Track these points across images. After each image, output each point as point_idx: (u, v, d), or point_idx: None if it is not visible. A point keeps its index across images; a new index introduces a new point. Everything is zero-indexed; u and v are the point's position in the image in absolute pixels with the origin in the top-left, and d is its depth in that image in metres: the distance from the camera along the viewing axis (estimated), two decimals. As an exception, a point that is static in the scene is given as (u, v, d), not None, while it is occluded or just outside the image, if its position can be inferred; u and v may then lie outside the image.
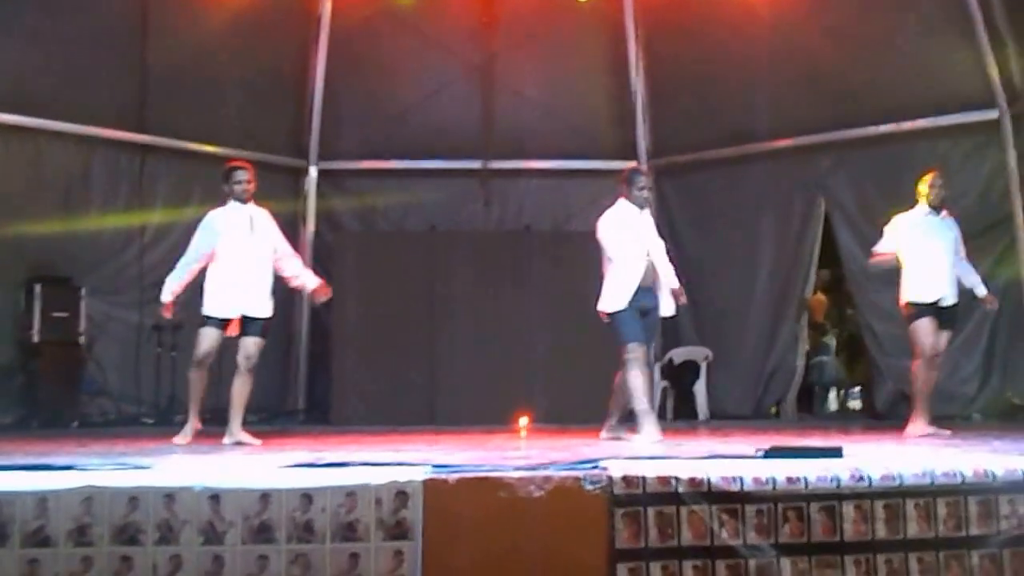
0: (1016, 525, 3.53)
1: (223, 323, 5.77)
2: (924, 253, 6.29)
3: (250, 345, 5.77)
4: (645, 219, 6.05)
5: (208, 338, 5.72)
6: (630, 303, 5.84)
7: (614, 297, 5.87)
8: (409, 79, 9.84)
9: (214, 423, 6.21)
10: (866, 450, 4.51)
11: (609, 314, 5.87)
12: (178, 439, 5.69)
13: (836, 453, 3.85)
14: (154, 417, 8.48)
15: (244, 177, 5.93)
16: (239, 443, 5.62)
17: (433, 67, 9.80)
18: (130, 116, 8.85)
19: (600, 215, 6.10)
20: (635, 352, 5.75)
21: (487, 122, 9.83)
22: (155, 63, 8.74)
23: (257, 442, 5.64)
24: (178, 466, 3.92)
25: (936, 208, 6.36)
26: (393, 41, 9.69)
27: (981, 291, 6.47)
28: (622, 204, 6.02)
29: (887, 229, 6.54)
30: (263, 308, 5.84)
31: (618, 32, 9.87)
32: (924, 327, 6.21)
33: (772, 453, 3.89)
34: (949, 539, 3.50)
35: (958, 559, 3.49)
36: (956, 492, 3.53)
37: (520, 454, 4.52)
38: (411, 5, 9.23)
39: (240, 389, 5.78)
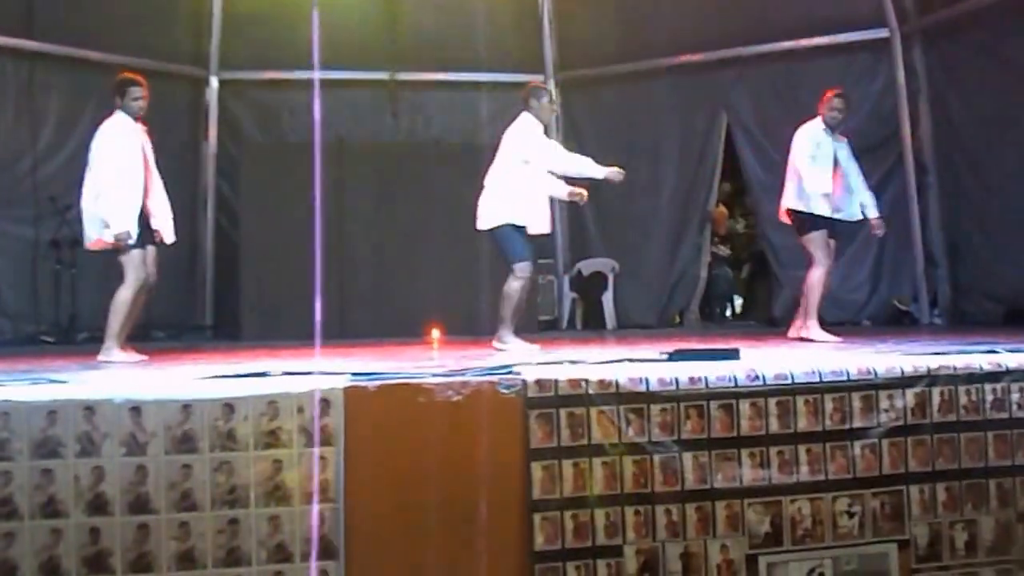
0: (894, 418, 3.88)
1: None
2: (822, 166, 6.43)
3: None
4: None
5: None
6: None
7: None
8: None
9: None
10: (761, 353, 4.80)
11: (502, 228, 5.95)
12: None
13: (734, 355, 4.11)
14: (55, 336, 8.29)
15: (139, 93, 5.74)
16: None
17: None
18: (16, 21, 8.39)
19: (506, 127, 6.16)
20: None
21: (393, 32, 9.66)
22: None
23: (136, 358, 5.59)
24: (96, 380, 3.92)
25: (831, 128, 6.56)
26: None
27: (872, 212, 6.58)
28: (527, 118, 6.08)
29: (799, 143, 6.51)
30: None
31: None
32: (821, 239, 6.42)
33: (676, 356, 4.13)
34: (834, 431, 3.83)
35: (842, 449, 3.83)
36: (842, 389, 3.85)
37: (436, 363, 4.66)
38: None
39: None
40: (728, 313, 10.89)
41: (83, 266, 8.08)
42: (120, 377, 4.21)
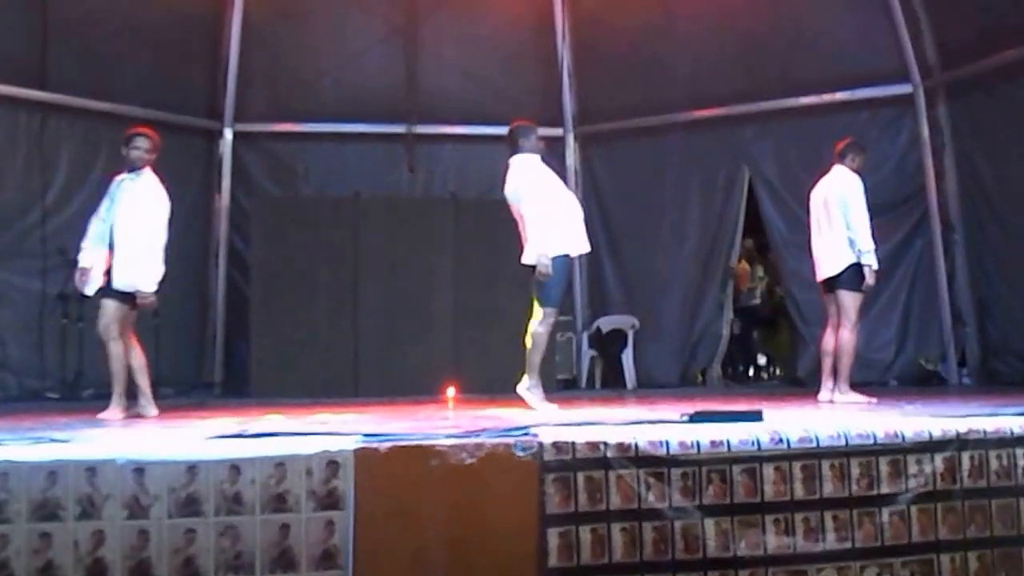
0: (923, 483, 3.81)
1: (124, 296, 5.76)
2: (865, 217, 6.28)
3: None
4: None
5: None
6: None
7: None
8: (330, 38, 9.74)
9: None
10: (785, 414, 4.74)
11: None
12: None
13: (756, 417, 4.05)
14: (60, 392, 8.28)
15: (136, 144, 5.83)
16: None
17: (355, 26, 9.75)
18: (30, 72, 8.54)
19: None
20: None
21: (411, 85, 9.80)
22: (57, 14, 8.46)
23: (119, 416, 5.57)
24: (99, 439, 3.91)
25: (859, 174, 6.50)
26: (313, -1, 9.57)
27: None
28: (524, 159, 5.96)
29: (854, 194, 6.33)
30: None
31: (545, -2, 9.90)
32: (861, 299, 6.30)
33: (697, 418, 4.08)
34: (861, 497, 3.75)
35: (869, 516, 3.74)
36: (868, 453, 3.78)
37: (450, 423, 4.62)
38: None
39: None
40: (751, 372, 10.81)
41: (90, 320, 8.07)
42: (124, 436, 4.19)
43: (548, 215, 5.84)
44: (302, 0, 9.60)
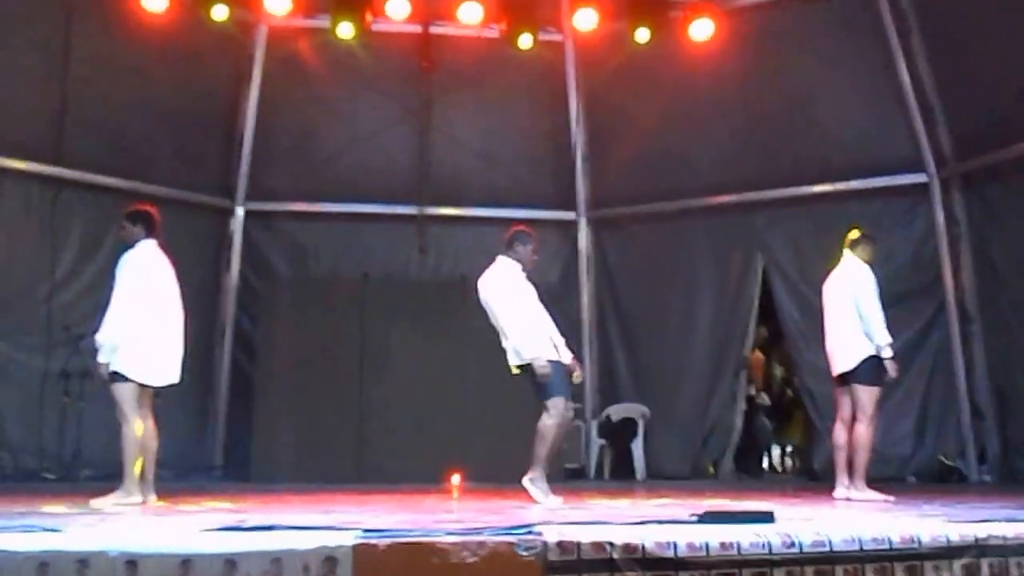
0: (942, 591, 3.73)
1: None
2: (877, 308, 6.28)
3: None
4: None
5: None
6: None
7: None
8: (344, 119, 9.93)
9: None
10: (799, 513, 4.67)
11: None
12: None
13: (768, 518, 3.99)
14: (56, 472, 8.23)
15: (121, 222, 5.92)
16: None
17: (368, 108, 9.94)
18: (46, 147, 8.68)
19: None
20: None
21: (423, 167, 9.96)
22: (75, 91, 8.65)
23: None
24: (91, 529, 3.88)
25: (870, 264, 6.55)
26: (328, 80, 9.78)
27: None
28: (506, 262, 6.05)
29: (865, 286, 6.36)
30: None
31: (559, 81, 10.14)
32: (878, 393, 6.26)
33: (707, 518, 4.02)
34: (877, 605, 3.67)
35: (885, 625, 3.66)
36: (884, 558, 3.71)
37: (453, 517, 4.57)
38: (348, 45, 9.25)
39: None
40: (765, 464, 10.68)
41: (92, 399, 8.03)
42: (117, 527, 4.15)
43: (528, 319, 5.90)
44: (318, 80, 9.79)
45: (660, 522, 4.05)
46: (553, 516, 4.57)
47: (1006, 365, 8.61)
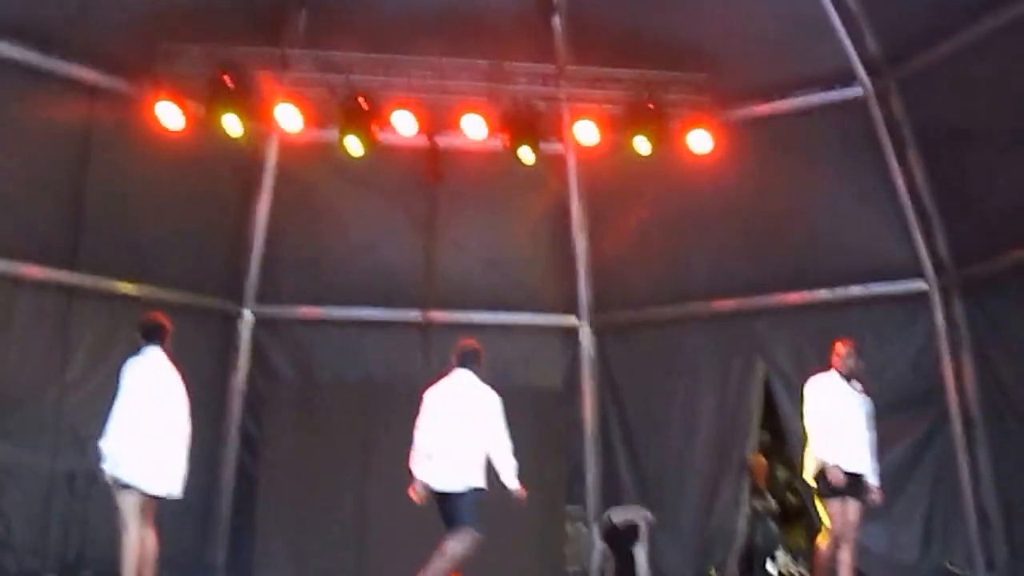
0: None
1: None
2: (844, 421, 6.56)
3: None
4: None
5: None
6: None
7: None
8: (351, 227, 10.24)
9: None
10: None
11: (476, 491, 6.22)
12: None
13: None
14: (59, 572, 8.28)
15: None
16: None
17: (375, 216, 10.25)
18: (61, 253, 8.93)
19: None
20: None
21: (428, 274, 10.19)
22: (92, 199, 8.95)
23: None
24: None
25: (847, 377, 6.72)
26: (337, 189, 10.12)
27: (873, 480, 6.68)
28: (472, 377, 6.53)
29: (815, 399, 6.80)
30: None
31: (561, 189, 10.47)
32: (832, 503, 6.41)
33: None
34: None
35: None
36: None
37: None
38: (357, 157, 9.60)
39: None
40: (772, 570, 10.59)
41: (96, 500, 8.11)
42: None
43: (479, 446, 6.37)
44: (327, 190, 10.14)
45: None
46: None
47: (1012, 471, 8.61)
